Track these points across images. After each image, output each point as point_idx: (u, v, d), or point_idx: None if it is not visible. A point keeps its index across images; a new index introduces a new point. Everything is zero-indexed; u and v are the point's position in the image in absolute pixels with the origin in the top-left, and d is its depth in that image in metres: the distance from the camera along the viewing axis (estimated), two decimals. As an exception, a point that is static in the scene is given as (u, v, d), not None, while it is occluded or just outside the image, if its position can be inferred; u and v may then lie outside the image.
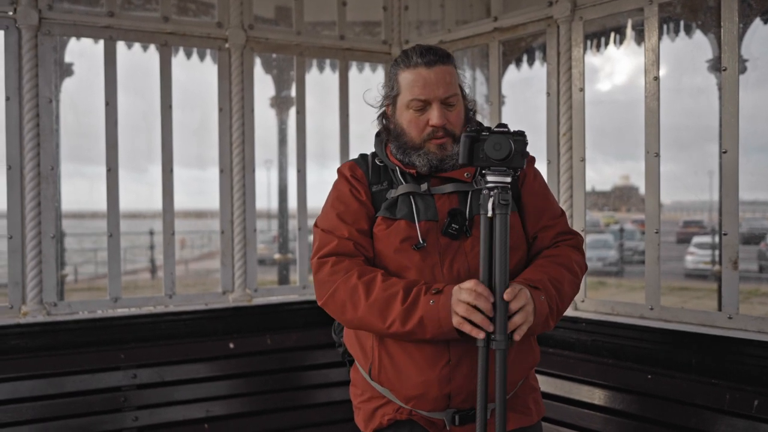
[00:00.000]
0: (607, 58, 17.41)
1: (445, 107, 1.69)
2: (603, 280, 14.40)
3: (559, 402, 2.53)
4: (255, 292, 3.17)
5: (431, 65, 1.67)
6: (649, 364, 2.44)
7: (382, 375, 1.73)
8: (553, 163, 2.85)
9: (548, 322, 1.62)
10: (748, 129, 2.49)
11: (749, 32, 3.71)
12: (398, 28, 3.44)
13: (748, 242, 15.11)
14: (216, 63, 3.15)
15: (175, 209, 3.09)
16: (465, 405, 1.69)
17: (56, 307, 2.81)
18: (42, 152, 2.78)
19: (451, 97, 1.69)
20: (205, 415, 2.80)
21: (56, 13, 2.81)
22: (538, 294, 1.59)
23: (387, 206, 1.73)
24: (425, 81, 1.67)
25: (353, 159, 1.87)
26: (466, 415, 1.69)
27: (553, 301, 1.63)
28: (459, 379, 1.65)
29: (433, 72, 1.67)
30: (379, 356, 1.72)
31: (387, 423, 1.76)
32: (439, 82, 1.67)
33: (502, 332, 1.49)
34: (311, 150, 3.39)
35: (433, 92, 1.67)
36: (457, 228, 1.66)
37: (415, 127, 1.71)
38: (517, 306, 1.52)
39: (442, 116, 1.68)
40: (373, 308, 1.59)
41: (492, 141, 1.51)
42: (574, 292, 1.73)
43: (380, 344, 1.72)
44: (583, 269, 1.80)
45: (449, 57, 1.72)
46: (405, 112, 1.72)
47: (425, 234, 1.68)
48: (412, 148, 1.72)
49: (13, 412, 2.54)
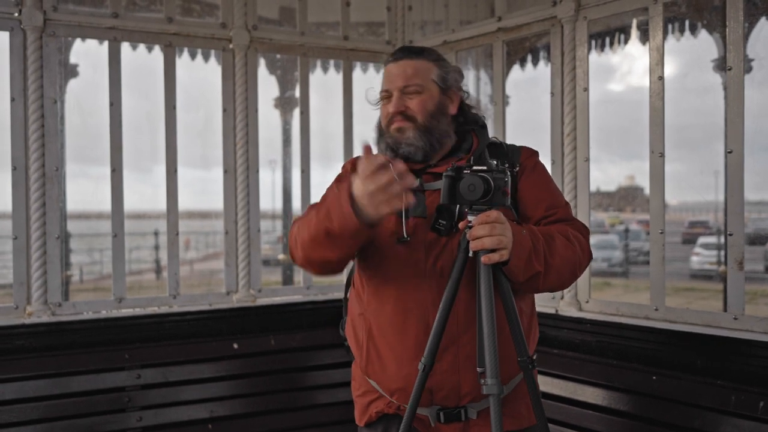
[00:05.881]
0: (612, 59, 17.39)
1: (405, 96, 1.74)
2: (608, 280, 14.35)
3: (564, 403, 2.52)
4: (259, 293, 3.17)
5: (397, 60, 1.77)
6: (654, 365, 2.43)
7: (369, 367, 1.76)
8: (557, 164, 2.84)
9: (532, 262, 1.55)
10: (754, 128, 2.49)
11: (755, 31, 3.69)
12: (402, 29, 3.44)
13: (755, 243, 15.05)
14: (220, 64, 3.16)
15: (180, 210, 3.10)
16: (448, 403, 1.69)
17: (61, 308, 2.82)
18: (47, 153, 2.79)
19: (410, 86, 1.74)
20: (209, 415, 2.80)
21: (61, 15, 2.82)
22: (518, 228, 1.56)
23: None
24: (389, 74, 1.78)
25: (356, 156, 1.89)
26: (451, 414, 1.70)
27: (539, 242, 1.57)
28: (439, 375, 1.65)
29: (396, 66, 1.77)
30: (367, 349, 1.76)
31: (376, 416, 1.79)
32: (399, 74, 1.75)
33: (493, 375, 1.45)
34: (315, 150, 3.39)
35: (392, 83, 1.76)
36: (444, 224, 1.64)
37: (384, 115, 1.79)
38: (484, 220, 1.50)
39: (398, 103, 1.74)
40: (309, 225, 1.60)
41: (466, 182, 1.51)
42: (569, 255, 1.64)
43: (368, 337, 1.75)
44: (584, 246, 1.71)
45: (421, 53, 1.78)
46: (379, 106, 1.81)
47: (412, 230, 1.68)
48: (381, 136, 1.79)
49: (18, 412, 2.55)
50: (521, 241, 1.54)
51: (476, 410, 1.70)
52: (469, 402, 1.69)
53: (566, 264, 1.63)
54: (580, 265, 1.69)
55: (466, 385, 1.66)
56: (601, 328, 2.63)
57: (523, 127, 3.44)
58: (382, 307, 1.73)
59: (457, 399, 1.68)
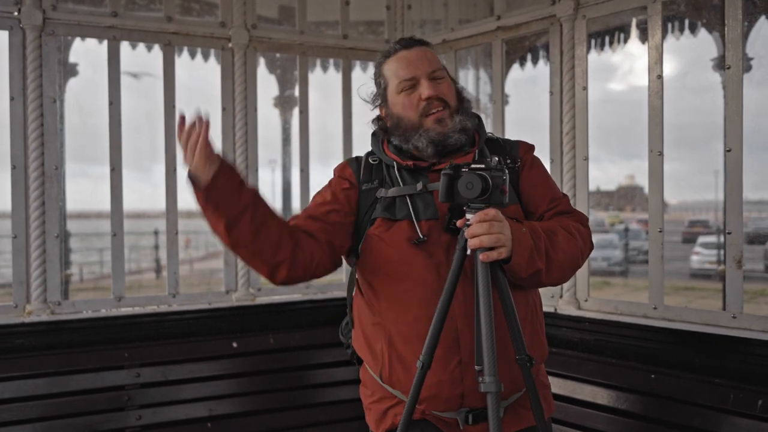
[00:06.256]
0: (612, 58, 17.39)
1: (434, 81, 1.69)
2: (608, 279, 14.35)
3: (563, 402, 2.52)
4: (258, 291, 3.17)
5: (410, 47, 1.72)
6: (653, 364, 2.43)
7: (393, 377, 1.70)
8: (556, 162, 2.85)
9: (534, 259, 1.54)
10: (753, 127, 2.49)
11: (754, 30, 3.68)
12: (401, 28, 3.44)
13: (755, 242, 15.04)
14: (219, 63, 3.16)
15: (180, 209, 3.10)
16: (478, 404, 1.65)
17: (60, 306, 2.82)
18: (46, 152, 2.79)
19: (436, 71, 1.70)
20: (208, 414, 2.81)
21: (60, 14, 2.82)
22: (517, 226, 1.55)
23: (386, 207, 1.70)
24: (408, 61, 1.70)
25: (346, 159, 1.87)
26: (479, 414, 1.66)
27: (540, 239, 1.56)
28: (471, 378, 1.61)
29: (413, 51, 1.71)
30: (389, 360, 1.69)
31: (399, 423, 1.72)
32: (421, 59, 1.70)
33: (491, 373, 1.44)
34: (315, 149, 3.39)
35: (418, 68, 1.69)
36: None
37: (410, 106, 1.70)
38: (482, 218, 1.48)
39: (433, 87, 1.68)
40: None
41: (464, 180, 1.50)
42: (571, 249, 1.63)
43: (390, 347, 1.69)
44: (585, 237, 1.71)
45: (427, 43, 1.77)
46: (397, 99, 1.72)
47: (427, 233, 1.65)
48: (412, 131, 1.70)
49: (18, 411, 2.55)
50: (521, 239, 1.53)
51: (504, 407, 1.67)
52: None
53: (568, 258, 1.63)
54: (582, 256, 1.69)
55: None
56: (600, 327, 2.63)
57: (523, 126, 3.44)
58: (403, 314, 1.67)
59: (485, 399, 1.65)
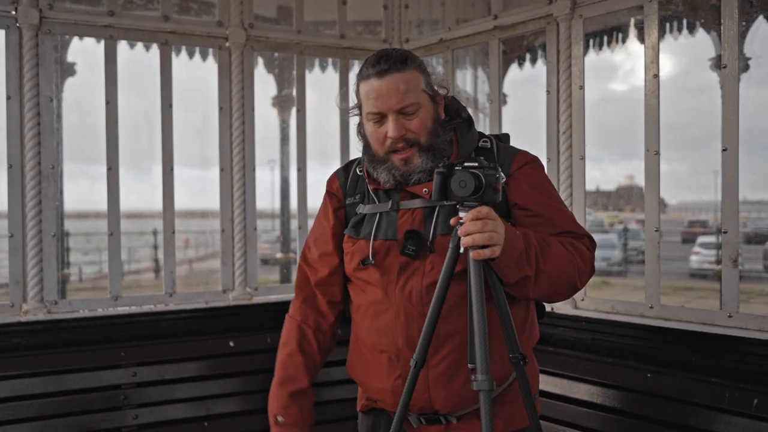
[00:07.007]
0: (611, 58, 17.38)
1: (403, 116, 1.60)
2: (606, 279, 14.37)
3: (559, 401, 2.52)
4: (255, 291, 3.17)
5: (382, 75, 1.58)
6: (649, 363, 2.43)
7: (353, 370, 1.82)
8: (553, 162, 2.85)
9: (522, 263, 1.51)
10: (751, 127, 2.49)
11: (752, 30, 3.69)
12: (398, 27, 3.44)
13: (753, 242, 15.05)
14: (217, 62, 3.16)
15: (179, 209, 3.10)
16: (426, 411, 1.68)
17: (57, 306, 2.82)
18: (43, 151, 2.79)
19: (407, 106, 1.59)
20: (205, 413, 2.80)
21: (57, 13, 2.81)
22: (512, 228, 1.53)
23: (354, 224, 1.75)
24: (377, 93, 1.59)
25: (338, 168, 1.87)
26: (431, 418, 1.70)
27: (531, 246, 1.53)
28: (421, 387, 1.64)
29: (384, 82, 1.58)
30: (354, 352, 1.82)
31: (362, 408, 1.87)
32: (391, 93, 1.58)
33: (484, 371, 1.43)
34: (312, 149, 3.39)
35: (385, 104, 1.58)
36: (414, 249, 1.62)
37: (376, 139, 1.64)
38: (475, 216, 1.46)
39: (399, 127, 1.59)
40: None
41: (457, 179, 1.48)
42: (564, 265, 1.58)
43: (356, 342, 1.80)
44: (585, 257, 1.63)
45: (405, 62, 1.60)
46: (367, 124, 1.66)
47: (385, 252, 1.66)
48: (378, 161, 1.66)
49: (14, 410, 2.55)
50: (513, 241, 1.50)
51: (455, 415, 1.68)
52: (447, 413, 1.68)
53: (560, 272, 1.58)
54: (580, 277, 1.62)
55: (437, 403, 1.65)
56: (596, 326, 2.63)
57: (521, 125, 3.44)
58: (360, 321, 1.77)
59: (436, 407, 1.67)
